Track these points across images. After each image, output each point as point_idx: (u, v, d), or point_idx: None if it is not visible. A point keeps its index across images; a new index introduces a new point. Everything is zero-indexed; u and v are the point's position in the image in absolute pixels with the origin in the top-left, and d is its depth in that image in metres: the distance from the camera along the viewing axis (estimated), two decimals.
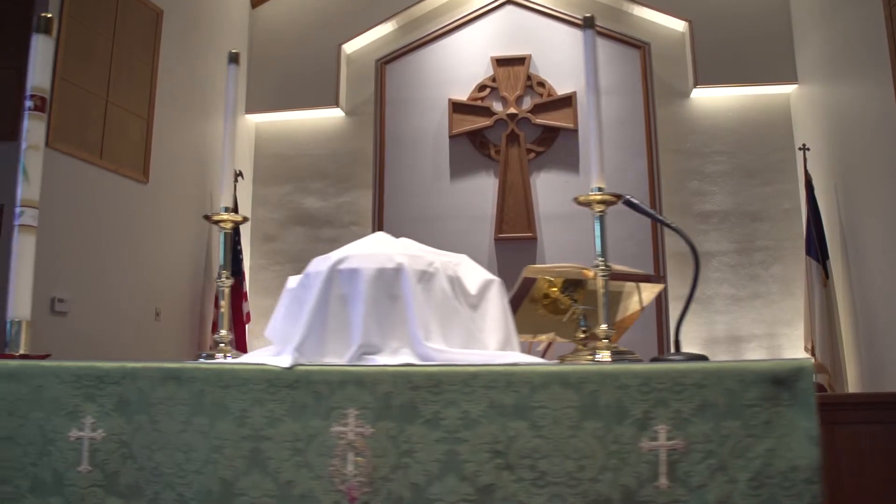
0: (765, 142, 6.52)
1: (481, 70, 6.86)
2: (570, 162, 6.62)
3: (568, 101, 6.61)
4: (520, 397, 1.57)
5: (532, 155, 6.63)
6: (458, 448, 1.56)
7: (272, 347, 1.97)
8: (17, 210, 2.14)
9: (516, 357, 1.78)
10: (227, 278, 2.34)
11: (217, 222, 2.38)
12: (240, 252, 6.53)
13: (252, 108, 7.13)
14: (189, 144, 6.43)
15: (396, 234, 6.64)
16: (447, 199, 6.73)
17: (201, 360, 2.27)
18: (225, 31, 6.91)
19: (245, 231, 6.84)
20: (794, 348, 6.05)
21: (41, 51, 2.21)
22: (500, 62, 6.77)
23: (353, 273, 1.82)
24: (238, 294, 6.44)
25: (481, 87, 6.81)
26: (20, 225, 2.13)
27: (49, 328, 4.98)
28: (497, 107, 6.76)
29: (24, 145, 2.15)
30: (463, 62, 6.92)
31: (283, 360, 1.70)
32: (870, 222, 5.47)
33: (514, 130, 6.63)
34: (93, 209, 5.38)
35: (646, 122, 6.55)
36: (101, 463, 1.67)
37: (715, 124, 6.59)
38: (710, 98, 6.61)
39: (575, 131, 6.58)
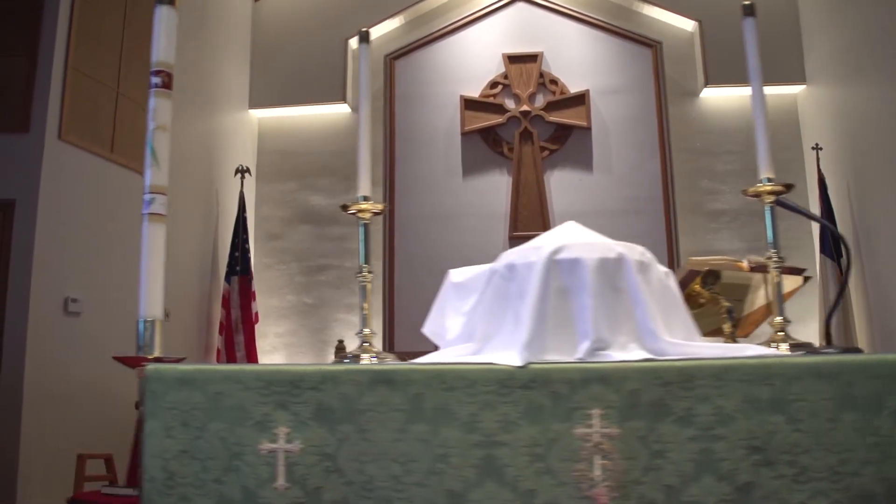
0: (773, 142, 6.57)
1: (493, 67, 6.80)
2: (584, 160, 6.60)
3: (581, 98, 6.59)
4: (775, 390, 1.51)
5: (545, 153, 6.60)
6: (714, 446, 1.49)
7: (460, 345, 1.84)
8: (147, 197, 1.97)
9: (757, 349, 1.72)
10: (368, 272, 2.23)
11: (355, 213, 2.26)
12: (248, 250, 6.33)
13: (255, 103, 6.93)
14: (195, 139, 6.21)
15: (409, 232, 6.59)
16: (460, 197, 6.65)
17: (346, 360, 2.16)
18: (227, 23, 6.71)
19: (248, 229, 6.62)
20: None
21: (165, 22, 2.06)
22: (513, 59, 6.72)
23: (575, 264, 1.71)
24: (247, 294, 6.24)
25: (493, 84, 6.75)
26: (150, 214, 1.95)
27: (63, 330, 4.74)
28: (509, 104, 6.71)
29: (151, 125, 2.00)
30: (474, 59, 6.84)
31: (510, 358, 1.59)
32: (884, 221, 5.59)
33: (527, 128, 6.59)
34: (103, 205, 5.15)
35: (658, 122, 6.57)
36: (300, 478, 1.52)
37: (724, 124, 6.66)
38: (720, 98, 6.68)
39: (588, 129, 6.57)
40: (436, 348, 2.04)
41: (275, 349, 6.63)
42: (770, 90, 6.47)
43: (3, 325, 4.55)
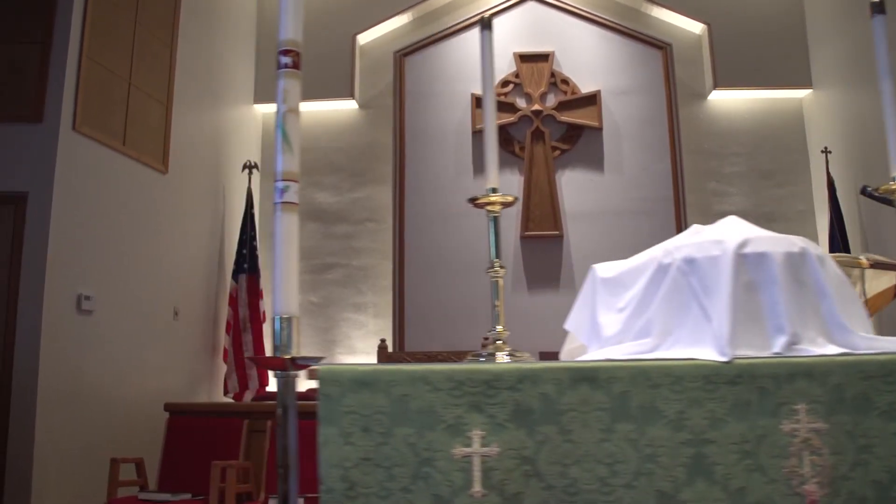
0: (779, 145, 6.70)
1: (504, 66, 6.76)
2: (595, 160, 6.61)
3: (592, 99, 6.60)
4: None
5: (557, 152, 6.59)
6: None
7: (633, 342, 1.79)
8: (279, 185, 1.85)
9: None
10: (500, 267, 2.16)
11: (484, 206, 2.19)
12: (256, 248, 6.19)
13: (260, 98, 6.79)
14: (204, 133, 6.07)
15: (418, 231, 6.51)
16: (470, 196, 6.57)
17: (480, 360, 2.10)
18: (233, 16, 6.57)
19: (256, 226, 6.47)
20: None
21: (291, 3, 1.95)
22: (524, 58, 6.70)
23: (762, 258, 1.68)
24: (255, 292, 6.11)
25: (504, 83, 6.71)
26: (283, 203, 1.83)
27: (76, 329, 4.58)
28: (521, 103, 6.68)
29: (281, 108, 1.89)
30: None
31: (714, 354, 1.56)
32: (893, 223, 5.69)
33: (538, 127, 6.57)
34: (116, 200, 5.00)
35: (668, 123, 6.61)
36: (497, 484, 1.44)
37: (731, 126, 6.72)
38: (727, 100, 6.74)
39: (599, 130, 6.58)
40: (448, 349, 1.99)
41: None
42: (776, 93, 6.59)
43: (14, 323, 4.37)
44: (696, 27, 6.78)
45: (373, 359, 6.48)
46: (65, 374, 4.40)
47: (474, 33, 6.70)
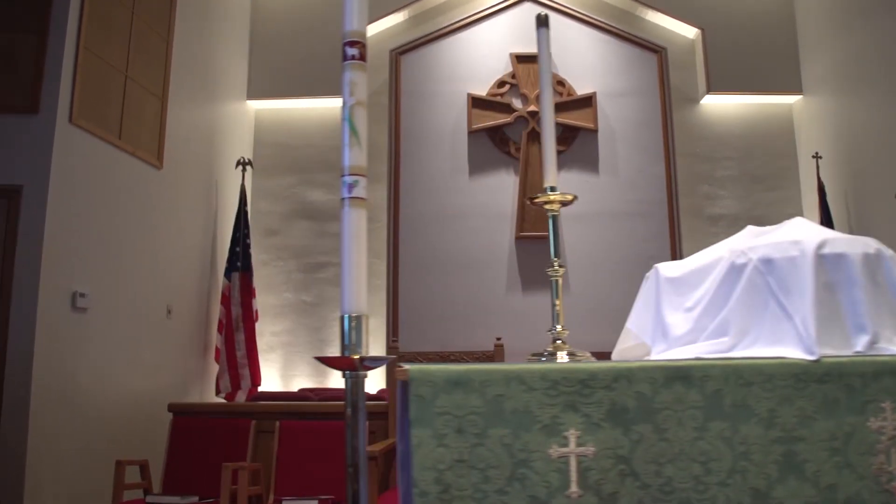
0: (769, 149, 6.78)
1: (500, 66, 6.75)
2: (590, 162, 6.62)
3: (588, 101, 6.61)
4: None
5: None
6: None
7: (708, 341, 1.78)
8: (347, 179, 1.79)
9: None
10: (559, 266, 2.13)
11: (543, 204, 2.17)
12: (249, 246, 6.10)
13: (253, 94, 6.70)
14: (198, 129, 5.96)
15: (413, 231, 6.48)
16: (466, 196, 6.57)
17: (542, 359, 2.07)
18: (226, 11, 6.46)
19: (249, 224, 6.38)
20: None
21: None
22: (520, 59, 6.69)
23: (840, 259, 1.70)
24: (247, 290, 6.02)
25: (500, 84, 6.70)
26: (351, 198, 1.77)
27: (70, 328, 4.46)
28: (517, 104, 6.67)
29: (349, 100, 1.84)
30: (481, 57, 6.78)
31: (791, 353, 1.57)
32: (882, 227, 5.79)
33: (534, 128, 6.56)
34: (111, 195, 4.89)
35: (663, 126, 6.65)
36: (594, 484, 1.43)
37: (724, 130, 6.78)
38: (719, 105, 6.80)
39: (595, 132, 6.59)
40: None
41: (271, 348, 6.42)
42: (766, 99, 6.67)
43: (7, 320, 4.25)
44: (690, 32, 6.83)
45: None
46: (59, 374, 4.28)
47: (471, 33, 6.69)
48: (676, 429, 1.48)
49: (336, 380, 6.38)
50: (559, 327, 2.11)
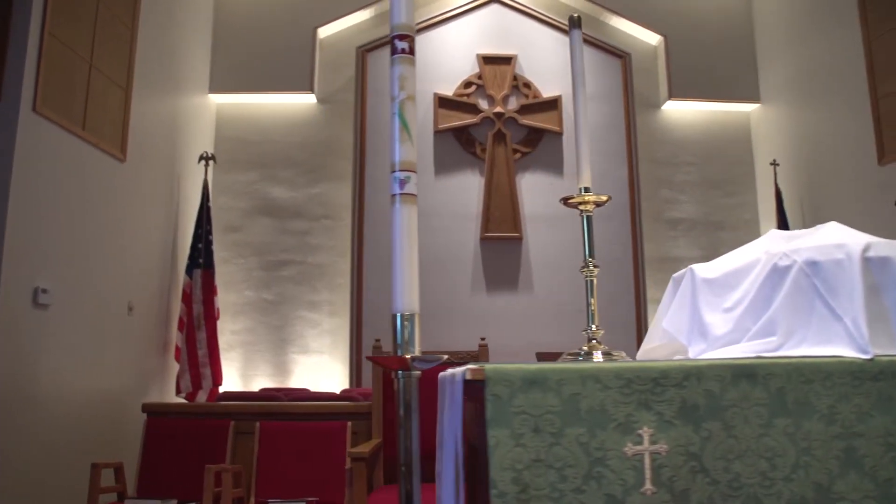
0: (727, 156, 6.96)
1: (467, 67, 6.75)
2: (555, 164, 6.68)
3: (554, 103, 6.67)
4: None
5: (518, 155, 6.62)
6: None
7: (756, 340, 1.81)
8: (400, 175, 1.76)
9: None
10: (594, 266, 2.14)
11: (577, 205, 2.17)
12: (211, 242, 5.95)
13: (215, 88, 6.54)
14: (161, 122, 5.79)
15: (378, 229, 6.43)
16: (431, 196, 6.55)
17: (580, 358, 2.07)
18: (191, 1, 6.28)
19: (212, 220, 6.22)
20: None
21: None
22: (487, 60, 6.70)
23: (885, 262, 1.75)
24: (209, 288, 5.87)
25: (467, 84, 6.70)
26: (403, 194, 1.75)
27: (32, 325, 4.28)
28: (483, 104, 6.68)
29: (399, 95, 1.81)
30: (448, 57, 6.77)
31: (843, 351, 1.61)
32: None
33: (500, 129, 6.59)
34: (74, 187, 4.71)
35: (626, 130, 6.76)
36: (667, 481, 1.46)
37: (684, 136, 6.93)
38: (680, 111, 6.95)
39: (560, 134, 6.65)
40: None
41: (231, 347, 6.28)
42: (725, 106, 6.84)
43: None
44: (653, 39, 6.96)
45: (330, 358, 6.36)
46: (21, 374, 4.10)
47: (438, 32, 6.68)
48: (743, 426, 1.51)
49: (297, 380, 6.29)
50: (594, 327, 2.11)
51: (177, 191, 5.98)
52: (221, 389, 5.74)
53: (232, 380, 6.18)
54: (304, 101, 6.65)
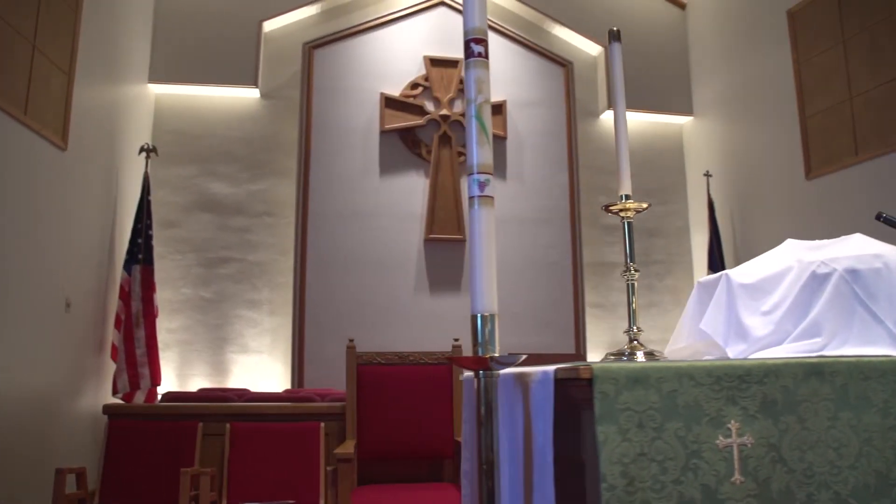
0: (660, 166, 7.24)
1: (413, 68, 6.76)
2: (498, 168, 6.78)
3: (498, 109, 6.77)
4: None
5: (462, 158, 6.68)
6: None
7: (801, 342, 1.91)
8: (479, 178, 1.79)
9: None
10: (634, 270, 2.20)
11: (619, 212, 2.22)
12: (151, 237, 5.73)
13: (155, 77, 6.30)
14: (102, 110, 5.54)
15: (322, 228, 6.40)
16: (376, 196, 6.53)
17: (623, 358, 2.12)
18: None
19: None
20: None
21: None
22: (434, 62, 6.73)
23: None
24: (149, 285, 5.65)
25: (414, 85, 6.71)
26: (482, 196, 1.78)
27: None
28: (429, 106, 6.71)
29: (477, 98, 1.83)
30: (395, 58, 6.76)
31: (888, 351, 1.73)
32: (763, 242, 6.36)
33: (446, 132, 6.63)
34: (13, 176, 4.45)
35: (568, 138, 6.92)
36: (752, 471, 1.55)
37: None
38: None
39: (504, 139, 6.75)
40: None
41: (167, 346, 6.06)
42: (660, 118, 7.11)
43: None
44: (594, 49, 7.17)
45: (270, 358, 6.24)
46: None
47: (385, 32, 6.67)
48: (814, 419, 1.63)
49: (236, 380, 6.14)
50: (636, 328, 2.18)
51: (115, 183, 5.73)
52: (162, 390, 5.55)
53: (168, 380, 5.97)
54: (246, 96, 6.50)
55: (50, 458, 4.42)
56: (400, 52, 6.77)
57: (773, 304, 2.01)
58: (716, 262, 6.62)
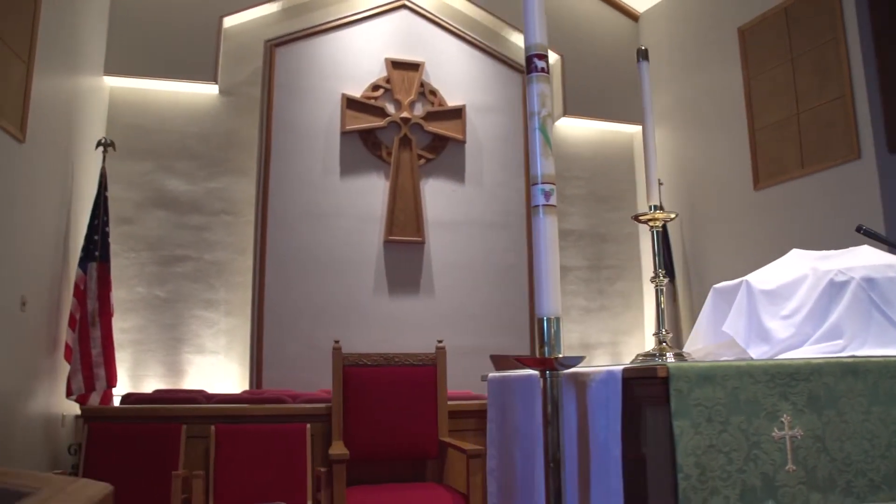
0: (613, 173, 7.45)
1: (375, 69, 6.77)
2: (457, 171, 6.85)
3: (458, 112, 6.84)
4: None
5: (422, 161, 6.73)
6: None
7: (823, 343, 2.04)
8: (545, 188, 1.88)
9: None
10: (663, 276, 2.29)
11: (647, 222, 2.32)
12: (108, 234, 5.57)
13: (111, 70, 6.13)
14: (60, 102, 5.37)
15: (282, 228, 6.36)
16: (336, 196, 6.51)
17: (657, 359, 2.21)
18: None
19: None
20: (633, 354, 6.99)
21: (536, 5, 1.98)
22: (396, 65, 6.76)
23: None
24: (105, 283, 5.50)
25: (375, 87, 6.72)
26: (546, 205, 1.87)
27: None
28: (390, 109, 6.73)
29: (541, 112, 1.92)
30: (357, 59, 6.75)
31: None
32: (710, 248, 6.63)
33: (406, 134, 6.66)
34: None
35: (525, 143, 7.04)
36: (802, 460, 1.69)
37: (575, 152, 7.34)
38: (573, 127, 7.36)
39: (463, 143, 6.83)
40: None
41: (120, 346, 5.89)
42: (613, 126, 7.33)
43: None
44: (550, 57, 7.30)
45: (226, 359, 6.15)
46: None
47: (348, 33, 6.67)
48: (851, 413, 1.79)
49: (192, 381, 6.03)
50: (664, 331, 2.27)
51: (72, 178, 5.55)
52: (117, 392, 5.40)
53: (121, 381, 5.80)
54: (205, 92, 6.39)
55: (4, 461, 4.26)
56: (362, 54, 6.77)
57: (793, 308, 2.15)
58: (664, 267, 6.85)
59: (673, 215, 2.45)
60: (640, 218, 2.42)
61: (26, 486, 1.25)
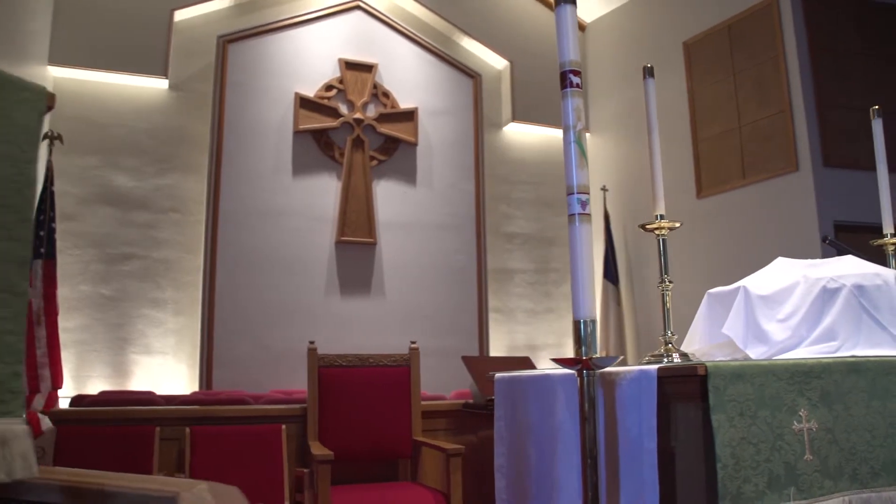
0: (559, 178, 7.59)
1: (328, 69, 6.75)
2: (409, 173, 6.90)
3: (410, 115, 6.89)
4: None
5: (374, 162, 6.75)
6: None
7: (819, 344, 2.19)
8: (581, 198, 1.97)
9: None
10: (668, 282, 2.40)
11: (654, 230, 2.42)
12: (54, 230, 5.39)
13: (56, 60, 5.94)
14: None
15: (233, 226, 6.31)
16: (288, 196, 6.47)
17: (665, 359, 2.31)
18: None
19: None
20: None
21: (570, 21, 2.06)
22: (349, 65, 6.76)
23: None
24: (51, 280, 5.31)
25: (328, 87, 6.71)
26: (582, 214, 1.97)
27: None
28: (343, 109, 6.73)
29: (577, 125, 2.00)
30: (310, 58, 6.72)
31: (892, 353, 2.05)
32: (652, 253, 6.88)
33: (359, 135, 6.68)
34: None
35: (475, 147, 7.15)
36: (817, 450, 1.83)
37: (522, 157, 7.49)
38: (520, 133, 7.50)
39: (415, 145, 6.89)
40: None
41: (63, 346, 5.67)
42: (556, 132, 7.50)
43: None
44: (500, 63, 7.45)
45: (174, 359, 6.03)
46: None
47: (301, 32, 6.65)
48: (855, 407, 1.95)
49: (139, 382, 5.90)
50: (669, 332, 2.38)
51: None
52: (63, 394, 5.23)
53: (64, 382, 5.62)
54: (154, 86, 6.25)
55: None
56: (315, 53, 6.75)
57: (788, 312, 2.30)
58: (611, 272, 7.07)
59: (678, 224, 2.56)
60: (647, 227, 2.52)
61: (158, 491, 1.25)
